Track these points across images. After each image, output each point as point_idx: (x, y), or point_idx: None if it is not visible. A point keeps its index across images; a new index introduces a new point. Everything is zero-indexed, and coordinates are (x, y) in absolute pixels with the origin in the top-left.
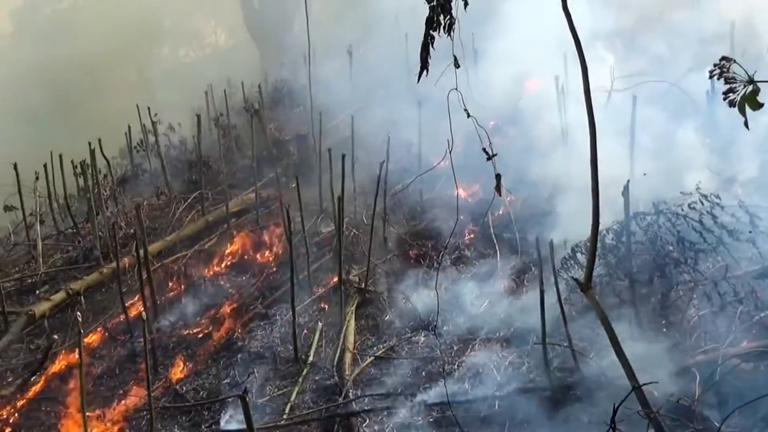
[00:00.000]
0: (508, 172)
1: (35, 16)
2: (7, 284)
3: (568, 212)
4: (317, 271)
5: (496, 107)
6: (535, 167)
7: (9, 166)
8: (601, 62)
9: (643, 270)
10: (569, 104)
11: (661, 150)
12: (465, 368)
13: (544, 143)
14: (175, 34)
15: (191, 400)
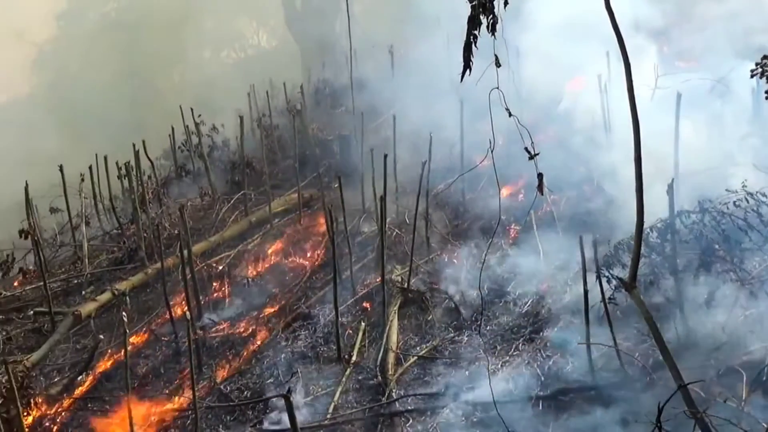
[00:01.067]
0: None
1: (80, 20)
2: (54, 285)
3: (612, 211)
4: (360, 271)
5: (539, 106)
6: (579, 166)
7: (55, 168)
8: (644, 59)
9: (688, 269)
10: (612, 102)
11: (705, 147)
12: (509, 368)
13: (587, 142)
14: (217, 35)
15: (235, 399)
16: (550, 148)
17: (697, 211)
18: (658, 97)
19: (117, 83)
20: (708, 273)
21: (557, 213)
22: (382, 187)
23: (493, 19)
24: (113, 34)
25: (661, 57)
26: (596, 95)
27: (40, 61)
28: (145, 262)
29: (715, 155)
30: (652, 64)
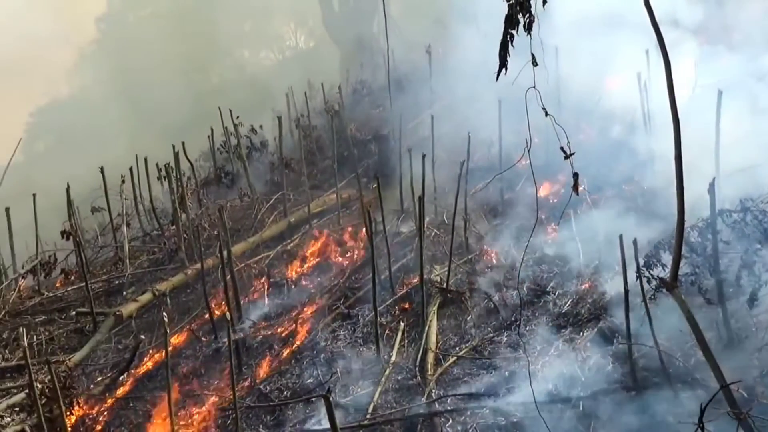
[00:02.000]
0: (590, 170)
1: (119, 23)
2: (95, 286)
3: (652, 210)
4: (399, 271)
5: (577, 104)
6: (618, 165)
7: (96, 169)
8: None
9: (729, 268)
10: (652, 100)
11: (747, 145)
12: (549, 367)
13: (627, 140)
14: (255, 36)
15: (275, 399)
16: (589, 147)
17: (739, 210)
18: (699, 94)
19: (156, 85)
20: (750, 272)
21: (596, 212)
22: (420, 187)
23: (529, 18)
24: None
25: (702, 52)
26: (636, 93)
27: (80, 64)
28: (185, 263)
29: (758, 153)
30: (693, 60)
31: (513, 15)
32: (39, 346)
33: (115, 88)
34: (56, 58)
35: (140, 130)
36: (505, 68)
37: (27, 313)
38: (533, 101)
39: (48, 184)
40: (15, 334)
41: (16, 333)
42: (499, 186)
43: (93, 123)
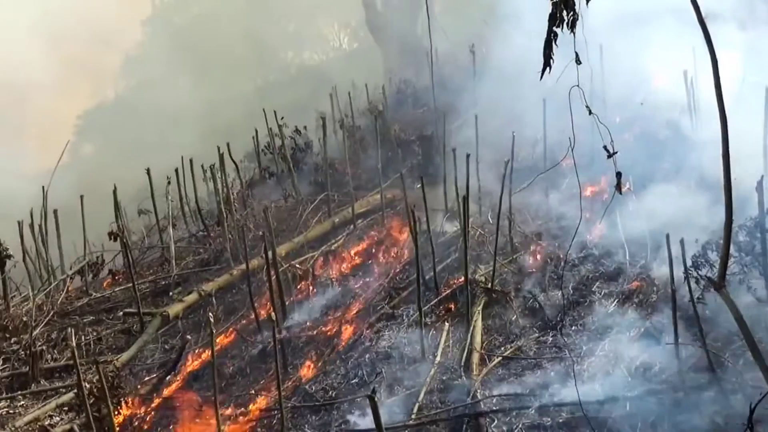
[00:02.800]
0: (636, 169)
1: (165, 25)
2: (142, 286)
3: (700, 209)
4: (443, 271)
5: (622, 103)
6: (665, 163)
7: (142, 171)
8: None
9: None
10: (698, 98)
11: None
12: (595, 368)
13: (673, 138)
14: (299, 38)
15: (320, 399)
16: (634, 146)
17: None
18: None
19: (200, 87)
20: None
21: (642, 211)
22: (464, 187)
23: (573, 16)
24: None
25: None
26: (682, 90)
27: (126, 67)
28: (230, 263)
29: None
30: (740, 56)
31: (557, 13)
32: (87, 347)
33: (160, 90)
34: (103, 61)
35: (185, 131)
36: (550, 67)
37: (75, 314)
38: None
39: (95, 186)
40: (64, 335)
41: (64, 333)
42: (544, 185)
43: (139, 125)
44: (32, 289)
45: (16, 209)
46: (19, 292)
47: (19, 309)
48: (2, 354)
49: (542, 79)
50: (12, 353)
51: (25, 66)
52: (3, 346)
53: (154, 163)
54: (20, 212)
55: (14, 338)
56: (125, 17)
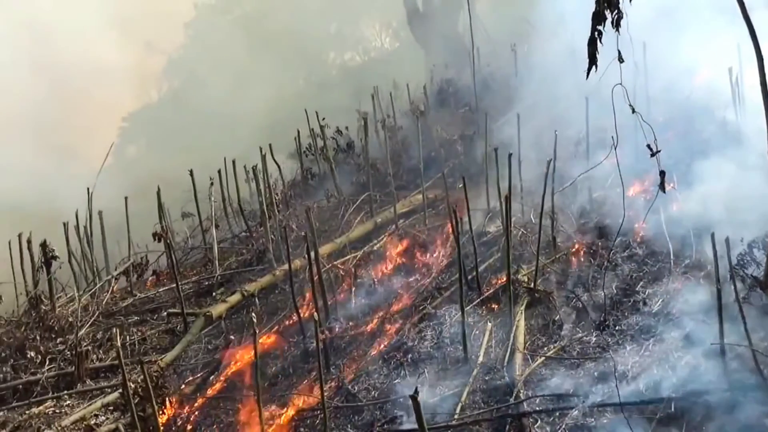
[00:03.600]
0: (681, 168)
1: (208, 27)
2: (186, 287)
3: (745, 208)
4: (485, 271)
5: (667, 101)
6: (709, 162)
7: (185, 172)
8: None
9: None
10: (744, 94)
11: None
12: (639, 368)
13: (718, 136)
14: (340, 38)
15: (363, 399)
16: (679, 145)
17: None
18: None
19: (242, 88)
20: None
21: (687, 210)
22: (506, 187)
23: (618, 15)
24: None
25: None
26: (727, 87)
27: (169, 69)
28: (273, 264)
29: None
30: None
31: (601, 11)
32: (132, 347)
33: (203, 92)
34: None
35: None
36: (595, 65)
37: (120, 314)
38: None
39: (139, 188)
40: (109, 335)
41: (109, 333)
42: (587, 184)
43: (182, 127)
44: (78, 289)
45: (62, 211)
46: (65, 293)
47: (65, 309)
48: (49, 354)
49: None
50: (58, 353)
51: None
52: (49, 346)
53: (197, 165)
54: (66, 214)
55: (60, 338)
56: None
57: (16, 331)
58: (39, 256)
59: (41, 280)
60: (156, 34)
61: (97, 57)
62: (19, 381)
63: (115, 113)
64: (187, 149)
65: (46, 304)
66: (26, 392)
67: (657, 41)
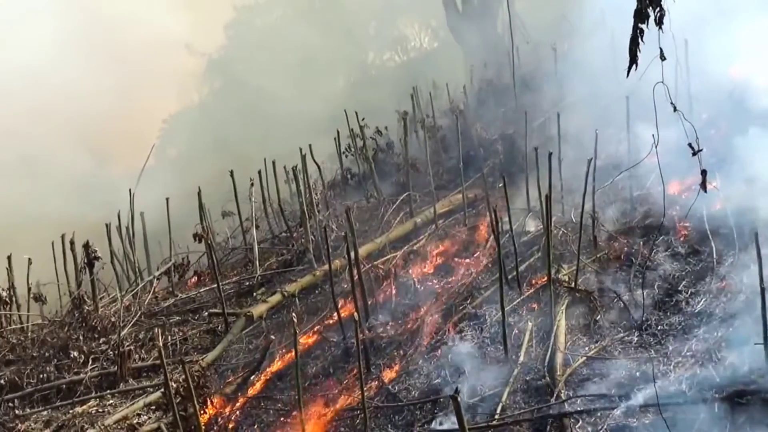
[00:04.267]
0: (723, 166)
1: (247, 28)
2: (226, 287)
3: None
4: (526, 271)
5: (708, 99)
6: (753, 161)
7: (226, 173)
8: None
9: None
10: None
11: None
12: (681, 369)
13: (762, 135)
14: (379, 39)
15: (403, 399)
16: (722, 143)
17: None
18: None
19: (281, 89)
20: None
21: (731, 209)
22: (547, 186)
23: (660, 12)
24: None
25: None
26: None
27: (208, 70)
28: (313, 264)
29: None
30: None
31: (643, 9)
32: (173, 346)
33: (243, 92)
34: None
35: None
36: (636, 64)
37: (162, 314)
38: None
39: (180, 189)
40: (151, 335)
41: (151, 333)
42: (628, 183)
43: (222, 127)
44: (120, 290)
45: (104, 212)
46: (107, 294)
47: (107, 310)
48: (92, 354)
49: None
50: (101, 353)
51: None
52: (92, 346)
53: (237, 165)
54: (108, 215)
55: (103, 338)
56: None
57: (59, 331)
58: (82, 257)
59: (84, 280)
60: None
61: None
62: (63, 381)
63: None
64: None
65: (89, 304)
66: (70, 392)
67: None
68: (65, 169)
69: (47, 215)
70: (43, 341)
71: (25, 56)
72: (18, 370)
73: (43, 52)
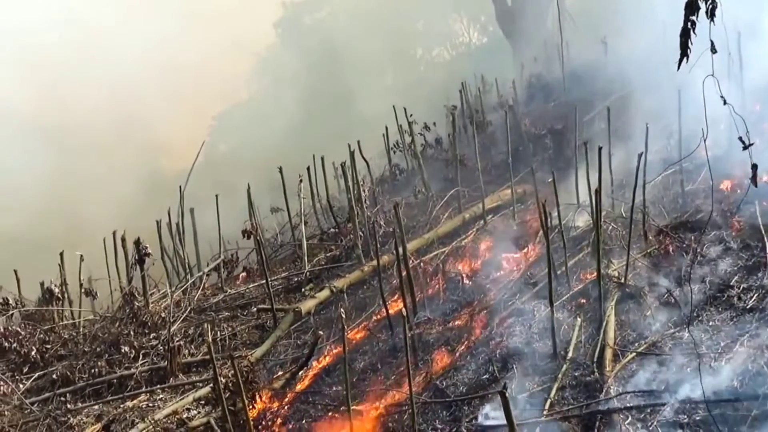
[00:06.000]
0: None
1: (296, 25)
2: (275, 283)
3: None
4: (575, 266)
5: (761, 92)
6: None
7: (275, 169)
8: None
9: None
10: None
11: None
12: (733, 365)
13: None
14: (428, 35)
15: (451, 395)
16: None
17: None
18: None
19: (330, 86)
20: None
21: None
22: (596, 180)
23: (712, 4)
24: (326, 38)
25: None
26: None
27: (258, 68)
28: (361, 260)
29: None
30: None
31: (694, 1)
32: (222, 342)
33: (291, 90)
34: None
35: (316, 129)
36: (687, 56)
37: (211, 310)
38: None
39: (229, 185)
40: (200, 330)
41: (201, 329)
42: (678, 178)
43: (271, 124)
44: (170, 286)
45: (154, 209)
46: (157, 289)
47: (157, 306)
48: (142, 349)
49: (679, 69)
50: (151, 348)
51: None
52: (143, 341)
53: (286, 162)
54: (158, 212)
55: (153, 334)
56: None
57: (110, 326)
58: (133, 254)
59: (135, 276)
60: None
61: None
62: (114, 375)
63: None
64: (276, 147)
65: (139, 300)
66: (120, 386)
67: (753, 31)
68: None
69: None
70: (94, 336)
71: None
72: (70, 365)
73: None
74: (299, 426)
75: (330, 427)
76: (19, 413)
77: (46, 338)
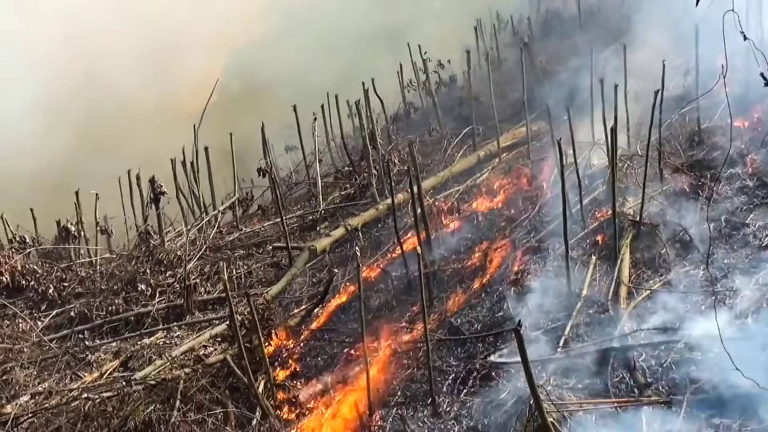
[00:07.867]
0: None
1: None
2: (290, 221)
3: None
4: (590, 204)
5: None
6: None
7: (289, 108)
8: None
9: None
10: None
11: None
12: (748, 302)
13: None
14: None
15: (465, 332)
16: None
17: None
18: None
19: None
20: None
21: None
22: (612, 118)
23: None
24: None
25: None
26: None
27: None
28: (376, 198)
29: None
30: None
31: None
32: (238, 280)
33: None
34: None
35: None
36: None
37: (226, 248)
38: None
39: (244, 123)
40: (216, 268)
41: (216, 267)
42: (695, 115)
43: (285, 62)
44: (185, 224)
45: (168, 148)
46: (173, 228)
47: (173, 244)
48: (158, 287)
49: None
50: (168, 286)
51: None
52: (159, 279)
53: (300, 100)
54: (173, 150)
55: (169, 272)
56: None
57: (127, 264)
58: (148, 192)
59: (150, 215)
60: None
61: None
62: (131, 313)
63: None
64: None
65: (155, 238)
66: (138, 323)
67: None
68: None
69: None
70: (111, 275)
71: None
72: (87, 302)
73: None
74: (315, 363)
75: (345, 365)
76: (38, 350)
77: (63, 276)
